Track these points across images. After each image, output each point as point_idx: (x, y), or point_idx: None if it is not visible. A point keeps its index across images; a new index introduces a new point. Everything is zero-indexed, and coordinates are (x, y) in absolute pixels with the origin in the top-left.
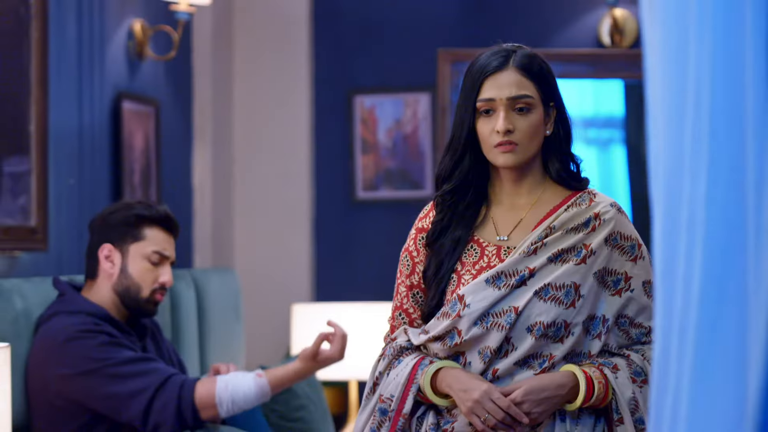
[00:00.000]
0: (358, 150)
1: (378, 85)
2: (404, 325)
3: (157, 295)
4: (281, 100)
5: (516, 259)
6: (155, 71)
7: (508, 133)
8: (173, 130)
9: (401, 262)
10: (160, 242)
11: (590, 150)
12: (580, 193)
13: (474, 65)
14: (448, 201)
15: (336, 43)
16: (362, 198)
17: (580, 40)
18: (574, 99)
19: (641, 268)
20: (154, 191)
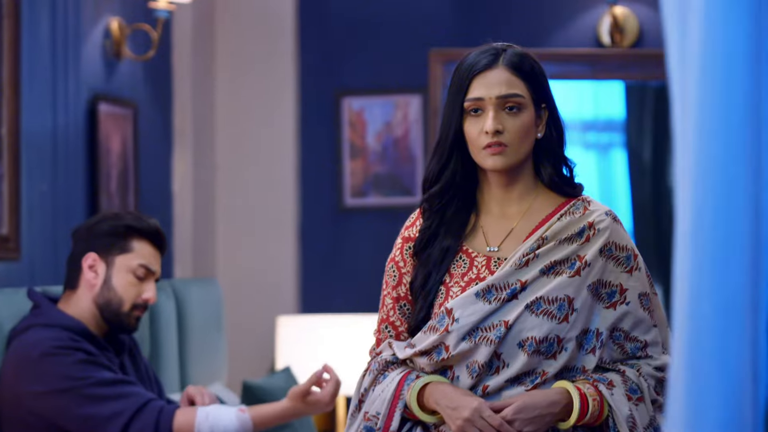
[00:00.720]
0: (346, 154)
1: (367, 86)
2: (390, 339)
3: (138, 311)
4: (265, 102)
5: (507, 271)
6: (133, 72)
7: (497, 134)
8: (152, 134)
9: (387, 272)
10: (147, 256)
11: (589, 154)
12: (573, 201)
13: (462, 64)
14: (435, 206)
15: (323, 42)
16: (350, 205)
17: (579, 39)
18: (573, 101)
19: (637, 280)
20: (132, 198)
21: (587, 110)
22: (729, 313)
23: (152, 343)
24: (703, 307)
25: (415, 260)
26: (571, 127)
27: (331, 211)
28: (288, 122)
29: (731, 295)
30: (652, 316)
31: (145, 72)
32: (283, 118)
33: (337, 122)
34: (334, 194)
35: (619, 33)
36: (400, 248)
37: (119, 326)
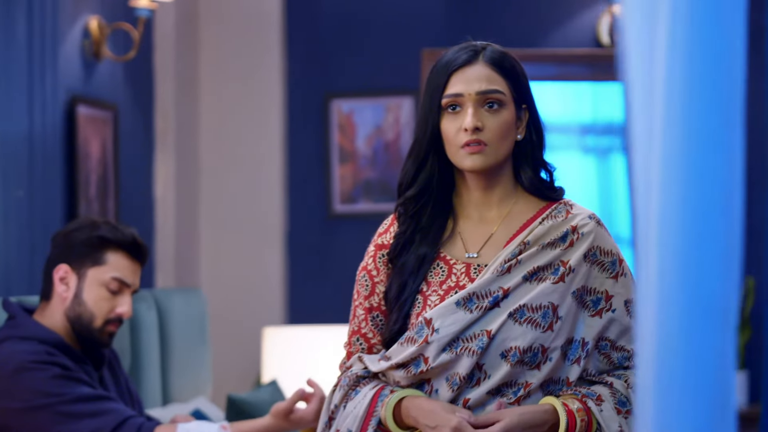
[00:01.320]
0: (335, 159)
1: (357, 88)
2: (361, 352)
3: (111, 326)
4: (251, 105)
5: (488, 278)
6: (113, 73)
7: (476, 131)
8: (133, 138)
9: (358, 281)
10: (122, 269)
11: (588, 159)
12: (555, 204)
13: (439, 61)
14: (410, 211)
15: (311, 42)
16: (340, 212)
17: (577, 39)
18: (571, 103)
19: (623, 286)
20: (112, 204)
21: (586, 113)
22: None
23: (133, 356)
24: (671, 316)
25: (389, 268)
26: (570, 131)
27: (320, 218)
28: (275, 125)
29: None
30: None
31: (125, 73)
32: (269, 121)
33: (325, 125)
34: (323, 200)
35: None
36: (373, 256)
37: (91, 342)
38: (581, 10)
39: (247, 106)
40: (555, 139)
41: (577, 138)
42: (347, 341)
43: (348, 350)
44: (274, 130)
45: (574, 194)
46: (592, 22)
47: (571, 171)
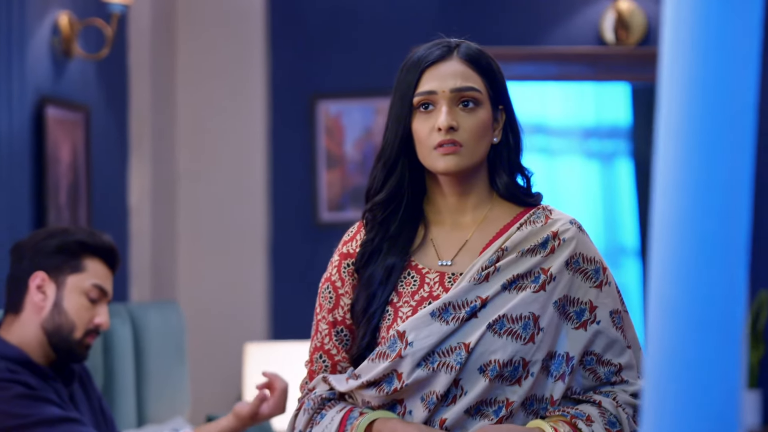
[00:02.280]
0: (322, 164)
1: (345, 88)
2: (324, 372)
3: (89, 338)
4: (233, 107)
5: (465, 287)
6: (85, 72)
7: (451, 131)
8: (106, 141)
9: (321, 294)
10: (101, 276)
11: (591, 164)
12: (533, 210)
13: (411, 58)
14: (379, 217)
15: (296, 39)
16: (327, 220)
17: (580, 36)
18: (573, 105)
19: (607, 296)
20: (84, 212)
21: (589, 115)
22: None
23: (106, 374)
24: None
25: (355, 279)
26: (571, 134)
27: (306, 227)
28: (258, 129)
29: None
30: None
31: (98, 72)
32: (252, 124)
33: (311, 128)
34: (309, 208)
35: (625, 30)
36: (338, 266)
37: (68, 354)
38: (583, 5)
39: (228, 108)
40: (556, 143)
41: (579, 142)
42: (309, 359)
43: (310, 369)
44: (256, 133)
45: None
46: (595, 18)
47: (573, 177)
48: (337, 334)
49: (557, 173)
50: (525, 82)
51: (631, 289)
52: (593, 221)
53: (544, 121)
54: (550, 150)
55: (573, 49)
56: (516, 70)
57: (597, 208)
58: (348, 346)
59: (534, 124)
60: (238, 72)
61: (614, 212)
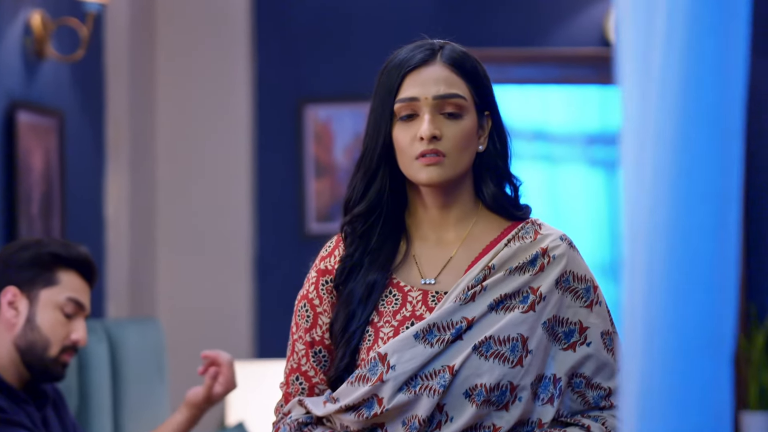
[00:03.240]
0: (310, 172)
1: (334, 92)
2: (300, 395)
3: (66, 355)
4: (216, 112)
5: (450, 307)
6: (58, 75)
7: (433, 140)
8: (81, 148)
9: (297, 312)
10: (77, 289)
11: (595, 173)
12: (521, 224)
13: (391, 61)
14: (358, 231)
15: (283, 41)
16: (315, 231)
17: (583, 37)
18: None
19: (598, 316)
20: (57, 223)
21: (593, 121)
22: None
23: (81, 396)
24: (657, 347)
25: (334, 297)
26: (575, 141)
27: (293, 239)
28: (242, 135)
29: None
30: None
31: (72, 75)
32: (236, 130)
33: (299, 135)
34: (296, 219)
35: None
36: (315, 283)
37: (44, 374)
38: (587, 4)
39: (211, 114)
40: (558, 150)
41: (582, 149)
42: (284, 381)
43: (285, 391)
44: (241, 140)
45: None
46: (599, 18)
47: (576, 187)
48: (314, 354)
49: (559, 183)
50: (525, 85)
51: None
52: (598, 234)
53: (545, 127)
54: (552, 158)
55: (576, 51)
56: (516, 73)
57: (602, 220)
58: (326, 367)
59: (535, 130)
60: (221, 75)
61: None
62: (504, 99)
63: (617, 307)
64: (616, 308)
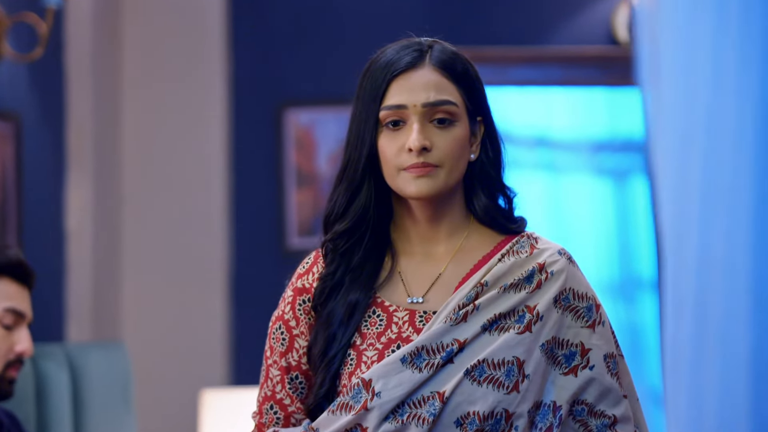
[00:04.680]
0: (291, 182)
1: (317, 96)
2: (274, 426)
3: (12, 370)
4: (188, 116)
5: (440, 329)
6: (15, 75)
7: (423, 152)
8: (40, 155)
9: (272, 335)
10: (14, 296)
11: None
12: (516, 238)
13: (376, 63)
14: (340, 248)
15: (262, 40)
16: (296, 247)
17: (589, 35)
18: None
19: (601, 337)
20: (13, 237)
21: (600, 126)
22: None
23: (39, 426)
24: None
25: (312, 318)
26: (580, 148)
27: (272, 255)
28: (217, 142)
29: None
30: (621, 384)
31: (30, 76)
32: (210, 136)
33: (279, 141)
34: (276, 233)
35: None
36: (291, 303)
37: None
38: (593, 0)
39: (183, 119)
40: (562, 157)
41: (588, 157)
42: (257, 410)
43: (259, 422)
44: (215, 147)
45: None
46: (606, 14)
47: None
48: (290, 381)
49: (563, 193)
50: (526, 87)
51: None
52: (605, 250)
53: (548, 133)
54: (555, 166)
55: (581, 50)
56: (515, 75)
57: (610, 234)
58: (303, 395)
59: (537, 136)
60: (194, 76)
61: (629, 238)
62: (503, 102)
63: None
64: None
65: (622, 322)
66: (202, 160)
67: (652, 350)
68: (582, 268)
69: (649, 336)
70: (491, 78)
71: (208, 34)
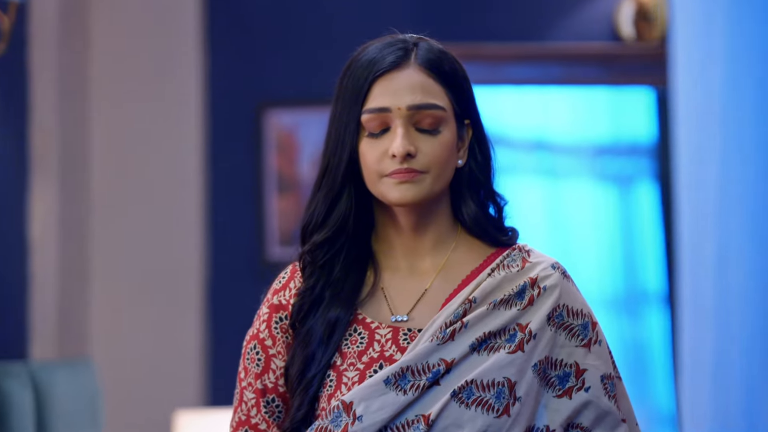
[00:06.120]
0: (272, 188)
1: (299, 96)
2: None
3: None
4: (161, 118)
5: (426, 348)
6: None
7: (407, 158)
8: (1, 159)
9: (246, 355)
10: None
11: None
12: (507, 251)
13: (357, 62)
14: (319, 260)
15: (240, 37)
16: (277, 258)
17: (591, 31)
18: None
19: (597, 357)
20: None
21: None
22: None
23: None
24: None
25: (290, 336)
26: (581, 152)
27: (251, 267)
28: (192, 145)
29: None
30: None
31: None
32: (185, 139)
33: (258, 144)
34: (255, 243)
35: (647, 23)
36: (267, 320)
37: None
38: None
39: (155, 120)
40: (562, 162)
41: (590, 161)
42: None
43: None
44: (190, 151)
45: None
46: (608, 9)
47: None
48: (266, 404)
49: (563, 200)
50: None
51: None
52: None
53: (547, 136)
54: (555, 171)
55: (582, 47)
56: (512, 73)
57: (613, 244)
58: (280, 419)
59: (535, 139)
60: (167, 75)
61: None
62: (499, 103)
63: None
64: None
65: (627, 339)
66: (176, 164)
67: (660, 369)
68: (584, 281)
69: (656, 353)
70: (486, 77)
71: (182, 30)
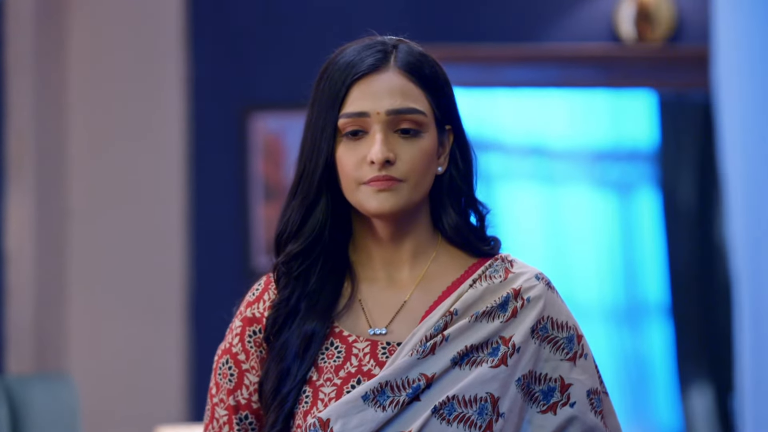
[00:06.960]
0: (258, 195)
1: (287, 99)
2: None
3: None
4: (142, 122)
5: (406, 363)
6: None
7: (386, 165)
8: None
9: (218, 371)
10: None
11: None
12: (489, 261)
13: (334, 64)
14: (294, 271)
15: (224, 39)
16: (262, 267)
17: (590, 32)
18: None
19: (583, 372)
20: None
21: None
22: None
23: None
24: None
25: (264, 351)
26: (579, 157)
27: (236, 276)
28: (174, 150)
29: None
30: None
31: None
32: (167, 144)
33: (243, 149)
34: (240, 251)
35: (648, 24)
36: (240, 334)
37: None
38: None
39: (136, 124)
40: (559, 167)
41: (589, 167)
42: None
43: None
44: (173, 156)
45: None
46: (608, 9)
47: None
48: (239, 421)
49: (561, 207)
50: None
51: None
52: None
53: (544, 140)
54: (552, 177)
55: (581, 48)
56: (508, 75)
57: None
58: None
59: (532, 143)
60: (148, 78)
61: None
62: (494, 106)
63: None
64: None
65: (628, 351)
66: (157, 170)
67: (661, 382)
68: (582, 291)
69: (658, 366)
70: (481, 79)
71: (164, 31)
